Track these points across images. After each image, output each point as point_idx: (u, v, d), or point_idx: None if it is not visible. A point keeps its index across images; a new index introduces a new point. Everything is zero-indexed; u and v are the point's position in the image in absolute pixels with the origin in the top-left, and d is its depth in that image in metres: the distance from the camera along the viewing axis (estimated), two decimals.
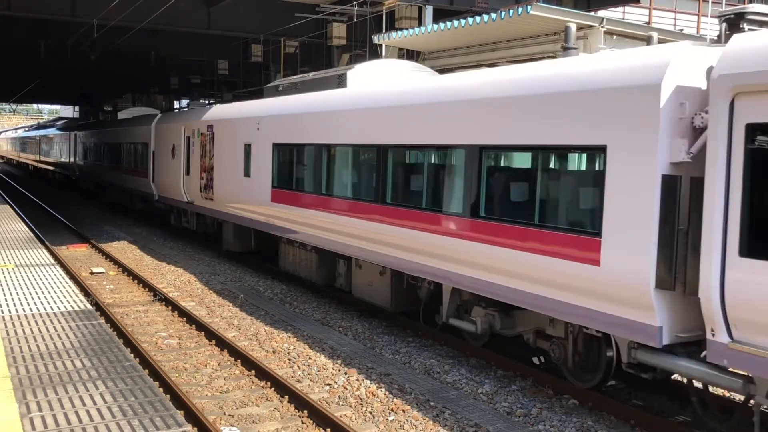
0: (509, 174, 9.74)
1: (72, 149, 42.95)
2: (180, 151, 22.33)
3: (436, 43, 18.16)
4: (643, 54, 7.84)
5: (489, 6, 22.51)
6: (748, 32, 7.25)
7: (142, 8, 22.14)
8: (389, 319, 13.14)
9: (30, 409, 6.28)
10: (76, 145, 41.68)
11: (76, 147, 41.68)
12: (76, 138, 41.53)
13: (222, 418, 8.71)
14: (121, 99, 54.81)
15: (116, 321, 12.59)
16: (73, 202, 37.59)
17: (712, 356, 6.84)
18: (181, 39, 31.51)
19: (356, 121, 12.74)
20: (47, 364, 7.53)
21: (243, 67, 33.91)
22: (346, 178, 13.22)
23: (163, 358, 11.02)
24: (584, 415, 8.83)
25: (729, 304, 6.57)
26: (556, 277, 8.43)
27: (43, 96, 61.63)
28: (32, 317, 9.47)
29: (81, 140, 40.11)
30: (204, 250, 21.50)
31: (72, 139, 42.95)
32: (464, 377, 10.16)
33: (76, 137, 41.74)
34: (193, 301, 15.04)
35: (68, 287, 11.42)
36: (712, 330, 6.79)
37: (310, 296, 15.41)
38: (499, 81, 9.67)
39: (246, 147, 17.34)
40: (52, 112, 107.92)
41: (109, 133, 33.20)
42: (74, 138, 42.24)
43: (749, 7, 7.93)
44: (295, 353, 11.26)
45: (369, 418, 8.74)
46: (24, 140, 70.40)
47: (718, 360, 6.79)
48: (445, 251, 10.29)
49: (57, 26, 28.55)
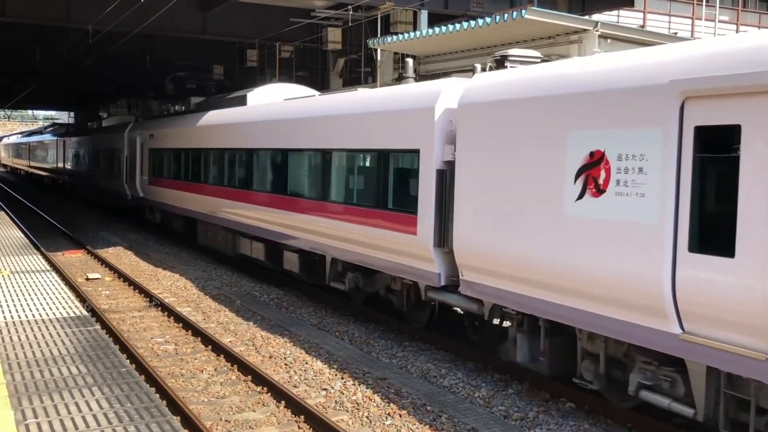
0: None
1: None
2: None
3: (431, 48, 18.22)
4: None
5: (484, 10, 22.56)
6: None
7: (137, 14, 22.14)
8: (385, 323, 13.17)
9: (26, 416, 6.26)
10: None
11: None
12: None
13: (218, 423, 8.69)
14: (116, 104, 54.74)
15: (112, 327, 12.56)
16: (68, 208, 37.53)
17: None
18: (177, 44, 31.52)
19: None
20: (43, 371, 7.52)
21: (239, 72, 33.93)
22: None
23: (160, 364, 11.00)
24: (581, 418, 8.84)
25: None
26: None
27: (38, 102, 61.53)
28: (28, 324, 9.45)
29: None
30: (200, 256, 21.49)
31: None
32: (461, 381, 10.16)
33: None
34: (189, 306, 15.02)
35: (64, 293, 11.41)
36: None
37: (306, 301, 15.40)
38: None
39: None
40: (47, 117, 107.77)
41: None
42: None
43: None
44: (292, 358, 11.25)
45: (366, 423, 8.74)
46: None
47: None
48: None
49: (52, 32, 28.55)
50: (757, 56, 6.36)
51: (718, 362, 6.67)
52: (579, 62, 8.52)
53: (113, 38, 26.64)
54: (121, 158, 28.97)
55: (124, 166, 28.62)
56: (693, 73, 6.78)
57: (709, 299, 6.67)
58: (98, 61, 30.57)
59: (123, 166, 28.70)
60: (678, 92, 6.85)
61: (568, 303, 8.17)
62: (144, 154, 25.98)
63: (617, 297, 7.52)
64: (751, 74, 6.27)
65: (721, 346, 6.59)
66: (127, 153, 28.25)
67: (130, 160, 27.62)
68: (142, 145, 26.25)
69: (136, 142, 26.71)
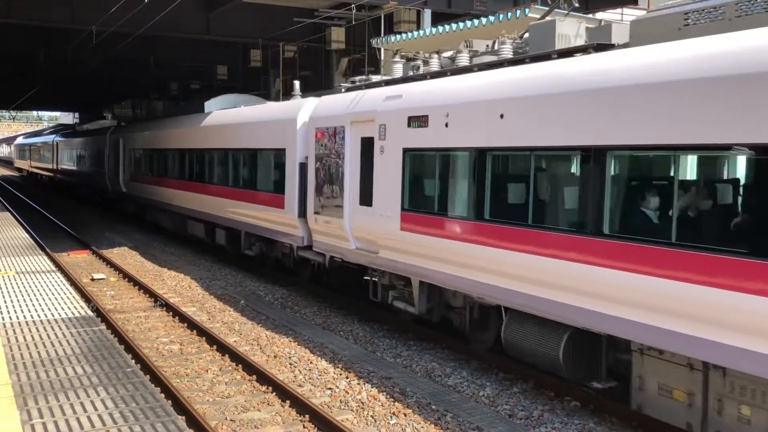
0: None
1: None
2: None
3: (434, 47, 18.19)
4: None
5: (487, 9, 22.54)
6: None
7: (141, 15, 22.18)
8: (389, 323, 13.17)
9: (31, 416, 6.28)
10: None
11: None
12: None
13: (223, 423, 8.70)
14: (120, 105, 54.80)
15: (117, 327, 12.59)
16: (72, 208, 37.61)
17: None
18: (181, 45, 31.55)
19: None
20: (48, 371, 7.54)
21: (242, 73, 33.94)
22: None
23: (165, 364, 11.02)
24: (586, 417, 8.83)
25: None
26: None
27: (42, 103, 61.72)
28: (33, 324, 9.48)
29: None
30: (204, 255, 21.53)
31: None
32: (465, 380, 10.16)
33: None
34: (194, 306, 15.04)
35: (69, 294, 11.44)
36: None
37: (311, 300, 15.41)
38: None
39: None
40: (52, 118, 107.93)
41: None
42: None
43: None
44: (296, 358, 11.26)
45: (371, 422, 8.74)
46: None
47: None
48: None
49: (57, 33, 28.63)
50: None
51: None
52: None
53: (117, 39, 26.70)
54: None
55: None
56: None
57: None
58: (102, 62, 30.65)
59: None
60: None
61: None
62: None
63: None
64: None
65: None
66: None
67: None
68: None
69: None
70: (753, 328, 6.32)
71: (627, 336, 7.67)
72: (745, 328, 6.38)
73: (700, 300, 6.72)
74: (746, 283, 6.34)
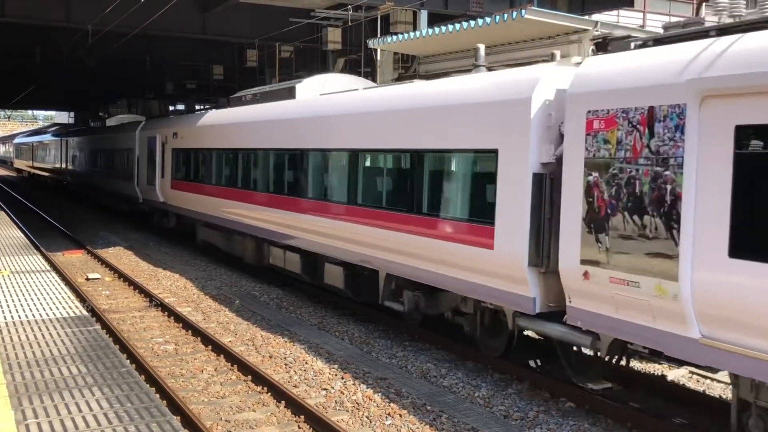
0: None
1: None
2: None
3: (431, 48, 18.20)
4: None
5: (483, 10, 22.57)
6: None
7: (137, 14, 22.14)
8: (385, 323, 13.17)
9: (26, 416, 6.27)
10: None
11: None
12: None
13: (219, 423, 8.70)
14: (116, 105, 54.73)
15: (112, 327, 12.56)
16: (68, 208, 37.52)
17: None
18: (177, 44, 31.50)
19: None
20: (43, 371, 7.52)
21: (238, 73, 33.91)
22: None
23: (160, 364, 11.00)
24: (581, 417, 8.84)
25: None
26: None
27: (38, 102, 61.57)
28: (28, 324, 9.46)
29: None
30: (200, 256, 21.49)
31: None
32: (461, 381, 10.17)
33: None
34: (189, 306, 15.02)
35: (64, 293, 11.41)
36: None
37: (306, 301, 15.40)
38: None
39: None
40: (47, 118, 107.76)
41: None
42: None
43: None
44: (292, 358, 11.25)
45: (366, 423, 8.74)
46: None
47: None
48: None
49: (52, 32, 28.54)
50: None
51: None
52: None
53: (113, 38, 26.64)
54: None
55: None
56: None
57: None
58: (98, 61, 30.57)
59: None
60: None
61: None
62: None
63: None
64: None
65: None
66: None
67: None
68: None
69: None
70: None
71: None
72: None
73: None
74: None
